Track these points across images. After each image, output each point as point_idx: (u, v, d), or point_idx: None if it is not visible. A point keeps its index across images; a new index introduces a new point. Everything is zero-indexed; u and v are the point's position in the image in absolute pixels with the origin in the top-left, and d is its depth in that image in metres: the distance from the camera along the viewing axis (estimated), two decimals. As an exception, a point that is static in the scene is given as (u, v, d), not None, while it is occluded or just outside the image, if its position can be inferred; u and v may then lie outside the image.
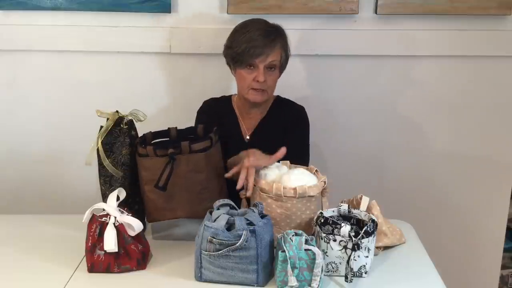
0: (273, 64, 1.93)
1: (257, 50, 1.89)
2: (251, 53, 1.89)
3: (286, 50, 1.99)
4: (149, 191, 1.69)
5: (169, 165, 1.63)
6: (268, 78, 1.94)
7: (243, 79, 1.95)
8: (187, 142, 1.65)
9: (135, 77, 2.38)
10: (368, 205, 1.66)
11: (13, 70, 2.38)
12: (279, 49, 1.94)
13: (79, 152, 1.89)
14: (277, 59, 1.93)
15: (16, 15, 2.30)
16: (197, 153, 1.66)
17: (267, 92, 1.97)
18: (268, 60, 1.91)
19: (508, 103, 2.41)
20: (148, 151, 1.66)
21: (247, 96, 1.97)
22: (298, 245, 1.45)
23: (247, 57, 1.90)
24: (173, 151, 1.64)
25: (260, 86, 1.94)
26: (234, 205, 1.58)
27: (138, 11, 2.27)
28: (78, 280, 1.55)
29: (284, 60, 1.99)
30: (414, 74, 2.38)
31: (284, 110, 2.08)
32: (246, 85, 1.95)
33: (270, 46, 1.91)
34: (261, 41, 1.90)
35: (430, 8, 2.25)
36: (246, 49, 1.90)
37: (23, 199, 2.49)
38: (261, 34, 1.91)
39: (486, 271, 2.60)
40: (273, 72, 1.95)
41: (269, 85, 1.96)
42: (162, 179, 1.62)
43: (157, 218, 1.72)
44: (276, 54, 1.93)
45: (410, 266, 1.64)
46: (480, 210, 2.52)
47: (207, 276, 1.51)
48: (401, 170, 2.48)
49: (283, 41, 1.97)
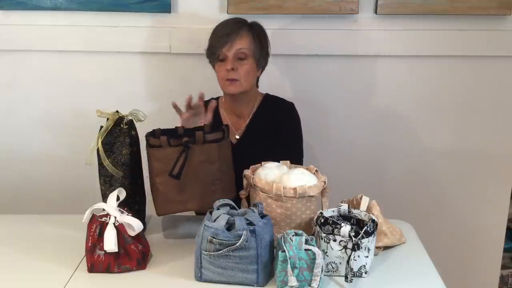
0: (242, 52, 1.94)
1: (222, 40, 1.93)
2: (217, 44, 1.94)
3: (258, 40, 1.99)
4: (160, 183, 1.69)
5: (184, 153, 1.64)
6: (240, 68, 1.94)
7: (218, 72, 1.99)
8: (201, 132, 1.67)
9: (135, 77, 2.38)
10: (368, 205, 1.66)
11: (13, 70, 2.38)
12: (246, 37, 1.95)
13: (79, 152, 1.89)
14: (245, 46, 1.94)
15: (16, 15, 2.30)
16: (210, 143, 1.67)
17: (240, 82, 1.96)
18: (235, 48, 1.93)
19: (508, 103, 2.41)
20: (162, 141, 1.67)
21: (224, 89, 2.01)
22: (298, 245, 1.45)
23: (215, 49, 1.95)
24: (188, 140, 1.65)
25: (231, 76, 1.95)
26: (234, 205, 1.58)
27: (138, 11, 2.27)
28: (78, 280, 1.55)
29: (258, 50, 1.98)
30: (414, 74, 2.38)
31: (273, 108, 2.08)
32: (220, 78, 1.99)
33: (235, 34, 1.94)
34: (225, 31, 1.95)
35: (430, 8, 2.25)
36: (212, 42, 1.96)
37: (23, 199, 2.49)
38: (227, 25, 1.97)
39: (486, 271, 2.60)
40: (244, 62, 1.95)
41: (241, 75, 1.95)
42: (176, 167, 1.62)
43: (168, 211, 1.73)
44: (243, 41, 1.94)
45: (410, 266, 1.64)
46: (480, 210, 2.52)
47: (207, 276, 1.51)
48: (402, 170, 2.48)
49: (252, 31, 1.98)
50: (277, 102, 2.10)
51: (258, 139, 2.03)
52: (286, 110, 2.08)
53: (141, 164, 1.84)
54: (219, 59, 1.96)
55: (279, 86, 2.33)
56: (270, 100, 2.10)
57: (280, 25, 2.28)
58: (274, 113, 2.06)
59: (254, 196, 1.68)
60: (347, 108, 2.41)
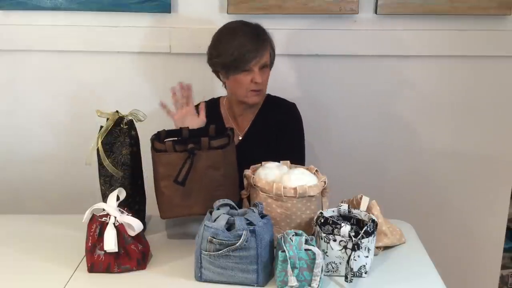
0: (266, 64, 1.97)
1: (251, 54, 1.91)
2: (246, 58, 1.91)
3: (272, 47, 2.01)
4: (165, 187, 1.69)
5: (189, 160, 1.63)
6: (263, 78, 1.96)
7: (240, 83, 1.96)
8: (207, 138, 1.66)
9: (135, 77, 2.38)
10: (368, 205, 1.66)
11: (13, 70, 2.38)
12: (268, 48, 1.97)
13: (79, 152, 1.89)
14: (268, 58, 1.97)
15: (16, 15, 2.30)
16: (216, 149, 1.67)
17: (263, 91, 2.00)
18: (262, 62, 1.94)
19: (508, 103, 2.41)
20: (167, 146, 1.67)
21: (246, 99, 1.99)
22: (298, 245, 1.45)
23: (243, 63, 1.92)
24: (193, 146, 1.64)
25: (258, 87, 1.96)
26: (234, 205, 1.58)
27: (138, 11, 2.27)
28: (78, 280, 1.55)
29: (273, 57, 2.02)
30: (414, 74, 2.38)
31: (275, 108, 2.08)
32: (244, 88, 1.97)
33: (262, 48, 1.94)
34: (253, 45, 1.92)
35: (430, 8, 2.25)
36: (239, 55, 1.91)
37: (23, 199, 2.49)
38: (250, 38, 1.93)
39: (486, 271, 2.60)
40: (266, 71, 1.98)
41: (264, 85, 1.99)
42: (181, 174, 1.62)
43: (172, 215, 1.72)
44: (267, 54, 1.97)
45: (410, 266, 1.64)
46: (480, 210, 2.52)
47: (207, 276, 1.51)
48: (401, 170, 2.48)
49: (269, 40, 1.99)
50: (279, 103, 2.10)
51: (261, 140, 2.03)
52: (288, 111, 2.09)
53: (141, 164, 1.84)
54: (243, 70, 1.94)
55: (279, 86, 2.32)
56: (272, 101, 2.10)
57: (280, 25, 2.28)
58: (276, 114, 2.06)
59: (255, 196, 1.68)
60: (347, 108, 2.41)
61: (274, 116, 2.06)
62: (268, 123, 2.05)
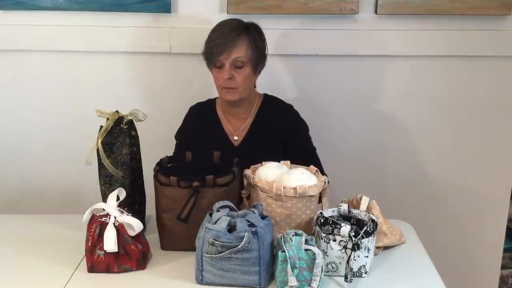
0: (240, 61, 1.92)
1: (220, 48, 1.89)
2: (214, 51, 1.90)
3: (255, 46, 1.94)
4: (167, 219, 1.67)
5: (193, 197, 1.61)
6: (237, 76, 1.92)
7: (215, 79, 1.98)
8: (212, 177, 1.64)
9: (135, 77, 2.38)
10: (368, 205, 1.66)
11: (13, 70, 2.38)
12: (243, 44, 1.91)
13: (79, 152, 1.89)
14: (242, 54, 1.91)
15: (16, 15, 2.30)
16: (220, 187, 1.65)
17: (237, 90, 1.95)
18: (232, 57, 1.90)
19: (508, 103, 2.41)
20: (171, 182, 1.64)
21: (221, 96, 2.00)
22: (298, 245, 1.45)
23: (212, 56, 1.92)
24: (198, 185, 1.62)
25: (228, 84, 1.93)
26: (233, 206, 1.58)
27: (138, 11, 2.27)
28: (78, 280, 1.55)
29: (255, 56, 1.95)
30: (414, 74, 2.38)
31: (274, 110, 2.06)
32: (217, 84, 1.97)
33: (232, 42, 1.90)
34: (223, 38, 1.90)
35: (430, 8, 2.25)
36: (210, 48, 1.92)
37: (23, 199, 2.49)
38: (223, 32, 1.92)
39: (486, 271, 2.60)
40: (241, 70, 1.93)
41: (239, 83, 1.93)
42: (184, 211, 1.59)
43: (173, 248, 1.69)
44: (240, 50, 1.91)
45: (410, 266, 1.64)
46: (480, 210, 2.52)
47: (209, 279, 1.51)
48: (401, 170, 2.48)
49: (249, 37, 1.93)
50: (278, 104, 2.09)
51: (262, 142, 2.01)
52: (290, 114, 2.07)
53: (141, 164, 1.84)
54: (216, 66, 1.94)
55: (279, 86, 2.33)
56: (270, 101, 2.09)
57: (280, 25, 2.28)
58: (276, 115, 2.05)
59: (254, 196, 1.68)
60: (346, 108, 2.41)
61: (274, 117, 2.05)
62: (268, 124, 2.04)
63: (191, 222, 1.59)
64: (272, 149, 1.98)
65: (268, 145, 2.00)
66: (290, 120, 2.06)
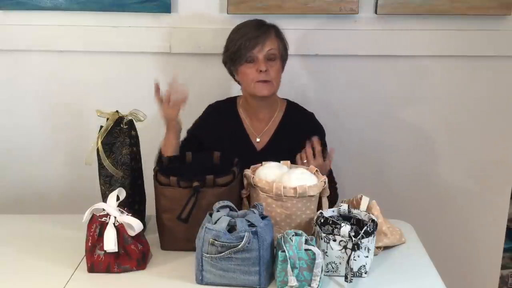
0: (272, 53, 1.93)
1: (252, 41, 1.90)
2: (247, 45, 1.90)
3: (283, 40, 1.98)
4: (167, 219, 1.67)
5: (193, 197, 1.61)
6: (270, 69, 1.92)
7: (246, 75, 1.94)
8: (212, 176, 1.64)
9: (135, 77, 2.38)
10: (368, 205, 1.66)
11: (13, 70, 2.38)
12: (274, 37, 1.94)
13: (79, 152, 1.89)
14: (274, 47, 1.93)
15: (16, 15, 2.30)
16: (220, 187, 1.65)
17: (272, 83, 1.94)
18: (266, 49, 1.91)
19: (508, 103, 2.41)
20: (171, 182, 1.64)
21: (254, 91, 1.95)
22: (298, 245, 1.45)
23: (244, 51, 1.90)
24: (198, 185, 1.63)
25: (264, 77, 1.92)
26: (233, 206, 1.58)
27: (138, 11, 2.27)
28: (78, 280, 1.55)
29: (283, 50, 1.98)
30: (414, 74, 2.38)
31: (297, 117, 2.06)
32: (250, 79, 1.93)
33: (265, 35, 1.91)
34: (254, 32, 1.91)
35: (430, 8, 2.25)
36: (241, 44, 1.90)
37: (23, 199, 2.49)
38: (253, 26, 1.93)
39: (486, 271, 2.60)
40: (274, 63, 1.94)
41: (273, 76, 1.93)
42: (185, 211, 1.59)
43: (173, 248, 1.69)
44: (272, 42, 1.93)
45: (410, 266, 1.64)
46: (480, 210, 2.52)
47: (209, 279, 1.51)
48: (401, 170, 2.48)
49: (277, 31, 1.97)
50: (301, 111, 2.09)
51: (284, 147, 1.98)
52: (311, 122, 2.07)
53: (141, 164, 1.84)
54: (248, 61, 1.92)
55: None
56: (294, 108, 2.08)
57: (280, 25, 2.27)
58: (299, 122, 2.04)
59: (255, 195, 1.68)
60: (346, 108, 2.41)
61: (297, 124, 2.03)
62: (291, 131, 2.02)
63: (191, 222, 1.59)
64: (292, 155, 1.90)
65: (290, 151, 1.93)
66: (311, 129, 2.03)
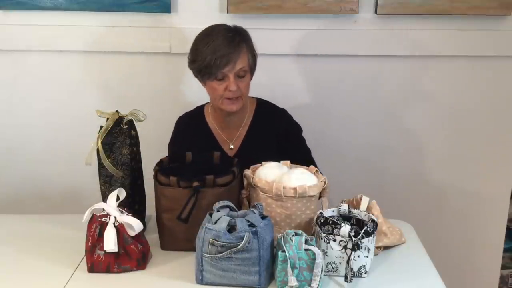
0: (243, 70, 1.87)
1: (224, 60, 1.81)
2: (218, 63, 1.81)
3: (252, 52, 1.91)
4: (167, 219, 1.67)
5: (193, 197, 1.61)
6: (240, 85, 1.87)
7: (215, 90, 1.89)
8: (212, 176, 1.64)
9: (135, 77, 2.38)
10: (368, 205, 1.66)
11: (13, 70, 2.38)
12: (245, 53, 1.86)
13: (79, 152, 1.89)
14: (245, 64, 1.86)
15: (16, 15, 2.30)
16: (220, 187, 1.65)
17: (241, 98, 1.91)
18: (237, 67, 1.84)
19: (507, 103, 2.41)
20: (171, 182, 1.64)
21: (221, 106, 1.91)
22: (298, 245, 1.45)
23: (215, 69, 1.83)
24: (198, 185, 1.62)
25: (234, 95, 1.87)
26: (233, 206, 1.58)
27: (138, 11, 2.27)
28: (78, 280, 1.55)
29: (252, 62, 1.91)
30: (414, 74, 2.38)
31: (268, 116, 2.03)
32: (218, 95, 1.89)
33: (236, 53, 1.83)
34: (225, 49, 1.82)
35: (430, 8, 2.25)
36: (211, 60, 1.82)
37: (23, 199, 2.49)
38: (223, 41, 1.83)
39: (486, 271, 2.60)
40: (244, 79, 1.88)
41: (243, 92, 1.90)
42: (185, 211, 1.59)
43: (173, 248, 1.69)
44: (243, 59, 1.86)
45: (410, 266, 1.64)
46: (480, 210, 2.52)
47: (209, 279, 1.51)
48: (401, 170, 2.48)
49: (248, 44, 1.89)
50: (271, 109, 2.05)
51: (258, 148, 1.98)
52: (283, 118, 2.04)
53: (141, 164, 1.84)
54: (217, 78, 1.86)
55: (279, 86, 2.34)
56: (264, 107, 2.05)
57: (280, 25, 2.28)
58: (270, 121, 2.02)
59: (254, 196, 1.68)
60: (346, 108, 2.41)
61: (269, 123, 2.01)
62: (264, 130, 2.01)
63: (191, 222, 1.59)
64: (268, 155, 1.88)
65: (264, 152, 1.94)
66: (284, 125, 2.03)
